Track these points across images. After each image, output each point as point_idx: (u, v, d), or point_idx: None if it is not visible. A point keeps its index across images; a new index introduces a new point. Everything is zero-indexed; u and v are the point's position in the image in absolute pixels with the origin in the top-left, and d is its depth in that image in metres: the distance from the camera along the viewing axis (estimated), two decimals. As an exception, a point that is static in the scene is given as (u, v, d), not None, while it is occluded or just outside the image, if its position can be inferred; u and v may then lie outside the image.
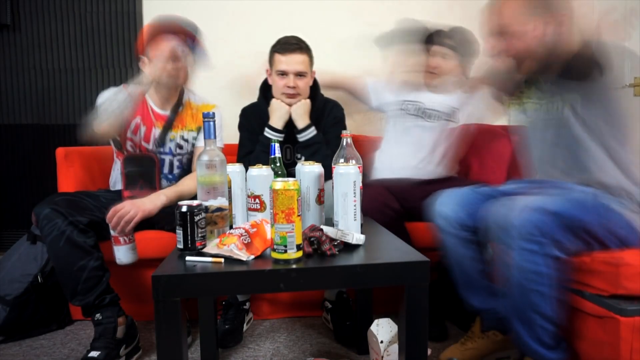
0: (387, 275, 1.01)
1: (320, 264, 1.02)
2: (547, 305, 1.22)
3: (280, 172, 1.35)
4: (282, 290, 1.00)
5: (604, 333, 1.19)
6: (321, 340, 1.71)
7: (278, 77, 1.81)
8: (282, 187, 0.98)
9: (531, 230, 1.18)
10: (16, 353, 1.65)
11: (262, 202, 1.23)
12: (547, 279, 1.20)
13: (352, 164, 1.24)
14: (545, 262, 1.19)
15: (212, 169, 1.15)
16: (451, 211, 1.42)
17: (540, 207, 1.20)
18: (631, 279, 1.16)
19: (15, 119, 2.58)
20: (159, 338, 0.95)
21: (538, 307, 1.22)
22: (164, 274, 0.95)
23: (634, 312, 1.13)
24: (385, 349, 1.36)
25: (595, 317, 1.21)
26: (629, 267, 1.16)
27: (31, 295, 1.76)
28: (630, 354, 1.14)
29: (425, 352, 1.03)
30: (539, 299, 1.21)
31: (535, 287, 1.21)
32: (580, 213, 1.23)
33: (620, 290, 1.16)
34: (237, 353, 1.62)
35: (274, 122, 1.81)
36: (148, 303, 1.84)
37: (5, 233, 2.60)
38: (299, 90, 1.81)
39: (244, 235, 1.06)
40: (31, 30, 2.53)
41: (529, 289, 1.21)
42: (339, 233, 1.10)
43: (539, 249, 1.19)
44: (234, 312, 1.76)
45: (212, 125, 1.18)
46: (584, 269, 1.25)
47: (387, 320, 1.43)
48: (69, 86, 2.56)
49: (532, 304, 1.22)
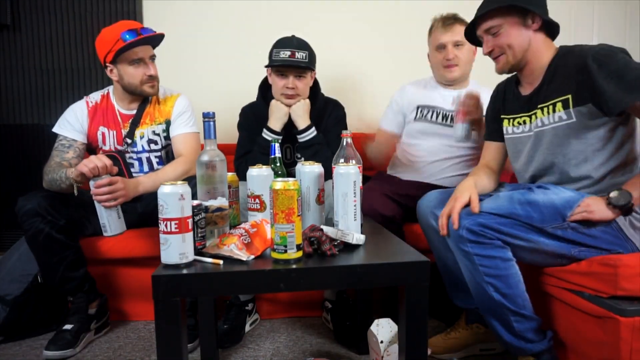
0: (387, 275, 1.02)
1: (320, 264, 1.02)
2: (513, 304, 1.24)
3: (280, 172, 1.35)
4: (282, 290, 1.00)
5: (604, 333, 1.19)
6: (321, 340, 1.71)
7: (277, 77, 1.80)
8: (282, 187, 0.98)
9: (463, 233, 1.23)
10: (16, 353, 1.65)
11: (262, 202, 1.23)
12: (501, 280, 1.23)
13: (352, 164, 1.24)
14: (493, 264, 1.22)
15: (212, 169, 1.15)
16: (437, 211, 1.43)
17: (480, 210, 1.24)
18: (630, 280, 1.16)
19: (15, 119, 2.58)
20: (159, 338, 0.95)
21: (507, 307, 1.24)
22: (164, 274, 0.95)
23: (633, 313, 1.14)
24: (385, 349, 1.36)
25: (595, 317, 1.21)
26: (627, 269, 1.16)
27: (31, 295, 1.77)
28: (630, 354, 1.14)
29: (425, 352, 1.03)
30: (504, 299, 1.24)
31: (493, 290, 1.24)
32: (523, 209, 1.23)
33: (619, 292, 1.17)
34: (237, 353, 1.62)
35: (272, 124, 1.81)
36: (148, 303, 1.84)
37: (5, 233, 2.60)
38: (298, 91, 1.80)
39: (244, 235, 1.06)
40: (31, 30, 2.53)
41: (488, 290, 1.24)
42: (339, 233, 1.10)
43: (481, 251, 1.22)
44: (235, 312, 1.76)
45: (212, 125, 1.18)
46: (582, 272, 1.25)
47: (387, 320, 1.43)
48: (69, 86, 2.56)
49: (499, 304, 1.25)
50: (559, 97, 1.30)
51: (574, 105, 1.27)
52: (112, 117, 1.83)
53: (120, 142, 1.82)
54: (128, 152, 1.83)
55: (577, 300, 1.27)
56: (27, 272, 1.78)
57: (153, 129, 1.84)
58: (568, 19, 2.58)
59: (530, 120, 1.39)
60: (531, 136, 1.39)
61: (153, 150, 1.85)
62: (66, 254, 1.63)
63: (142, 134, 1.83)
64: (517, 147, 1.45)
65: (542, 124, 1.34)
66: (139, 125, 1.83)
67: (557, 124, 1.31)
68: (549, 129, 1.33)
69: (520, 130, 1.43)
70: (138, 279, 1.86)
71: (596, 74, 1.21)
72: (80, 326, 1.67)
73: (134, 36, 1.70)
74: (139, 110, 1.84)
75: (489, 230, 1.21)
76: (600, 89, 1.20)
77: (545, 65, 1.35)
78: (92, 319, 1.73)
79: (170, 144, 1.86)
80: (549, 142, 1.34)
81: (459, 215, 1.26)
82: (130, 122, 1.83)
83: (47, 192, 1.65)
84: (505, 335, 1.29)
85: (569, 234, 1.24)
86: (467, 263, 1.25)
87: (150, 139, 1.84)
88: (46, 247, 1.60)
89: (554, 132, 1.32)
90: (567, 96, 1.28)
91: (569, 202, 1.24)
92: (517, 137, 1.44)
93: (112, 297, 1.87)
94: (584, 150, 1.29)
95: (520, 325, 1.26)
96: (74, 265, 1.66)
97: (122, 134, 1.82)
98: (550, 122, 1.32)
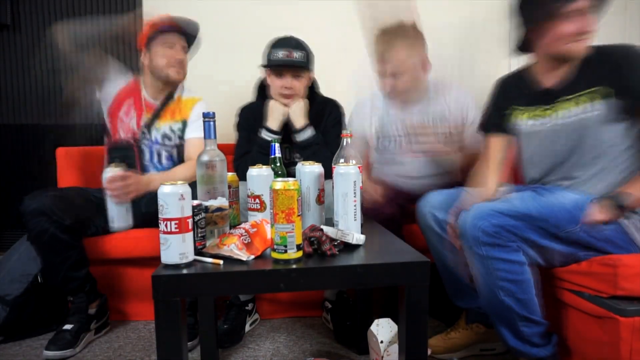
0: (387, 276, 1.01)
1: (320, 264, 1.02)
2: (524, 309, 1.22)
3: (280, 172, 1.35)
4: (282, 290, 1.00)
5: (604, 333, 1.19)
6: (321, 340, 1.71)
7: (275, 77, 1.80)
8: (282, 187, 0.98)
9: (479, 235, 1.19)
10: (16, 353, 1.65)
11: (262, 202, 1.23)
12: (515, 284, 1.20)
13: (352, 164, 1.24)
14: (508, 268, 1.19)
15: (212, 169, 1.15)
16: (439, 212, 1.43)
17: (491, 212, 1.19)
18: (630, 280, 1.16)
19: (15, 119, 2.58)
20: (159, 338, 0.95)
21: (516, 312, 1.22)
22: (164, 274, 0.95)
23: (633, 313, 1.14)
24: (385, 349, 1.37)
25: (595, 317, 1.21)
26: (627, 268, 1.16)
27: (31, 295, 1.77)
28: (630, 354, 1.14)
29: (425, 352, 1.03)
30: (515, 304, 1.21)
31: (504, 295, 1.21)
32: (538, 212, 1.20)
33: (619, 292, 1.17)
34: (237, 353, 1.62)
35: (270, 123, 1.80)
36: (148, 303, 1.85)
37: (5, 233, 2.60)
38: (295, 91, 1.80)
39: (244, 235, 1.06)
40: (31, 30, 2.53)
41: (499, 295, 1.21)
42: (339, 233, 1.10)
43: (497, 254, 1.18)
44: (235, 312, 1.76)
45: (212, 125, 1.18)
46: (582, 272, 1.25)
47: (387, 320, 1.43)
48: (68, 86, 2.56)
49: (508, 309, 1.22)
50: (589, 89, 1.28)
51: (602, 97, 1.26)
52: (138, 99, 1.90)
53: (138, 126, 1.87)
54: (142, 140, 1.87)
55: (577, 300, 1.27)
56: (27, 272, 1.78)
57: (170, 126, 1.90)
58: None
59: (550, 112, 1.36)
60: (553, 129, 1.35)
61: (166, 145, 1.89)
62: (70, 254, 1.64)
63: (160, 127, 1.89)
64: (533, 140, 1.42)
65: (564, 117, 1.33)
66: (160, 117, 1.89)
67: (581, 116, 1.29)
68: (572, 121, 1.31)
69: (540, 123, 1.39)
70: (138, 279, 1.86)
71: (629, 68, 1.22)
72: (80, 326, 1.67)
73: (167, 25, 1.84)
74: (163, 104, 1.90)
75: (505, 233, 1.18)
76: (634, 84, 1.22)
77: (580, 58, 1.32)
78: (92, 319, 1.73)
79: (182, 144, 1.91)
80: (571, 137, 1.32)
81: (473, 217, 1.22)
82: (153, 113, 1.89)
83: (53, 191, 1.66)
84: (511, 340, 1.27)
85: (582, 237, 1.22)
86: (481, 266, 1.22)
87: (166, 134, 1.89)
88: (50, 246, 1.61)
89: (579, 125, 1.30)
90: (595, 88, 1.27)
91: (578, 203, 1.23)
92: (537, 132, 1.40)
93: (112, 297, 1.87)
94: (601, 145, 1.29)
95: (528, 329, 1.24)
96: (76, 265, 1.67)
97: (141, 119, 1.88)
98: (572, 115, 1.31)
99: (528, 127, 1.42)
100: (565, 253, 1.25)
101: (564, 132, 1.33)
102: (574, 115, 1.31)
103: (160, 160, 1.90)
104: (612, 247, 1.24)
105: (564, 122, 1.33)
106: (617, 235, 1.23)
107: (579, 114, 1.30)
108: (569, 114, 1.32)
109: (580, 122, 1.30)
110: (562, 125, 1.34)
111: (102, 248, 1.80)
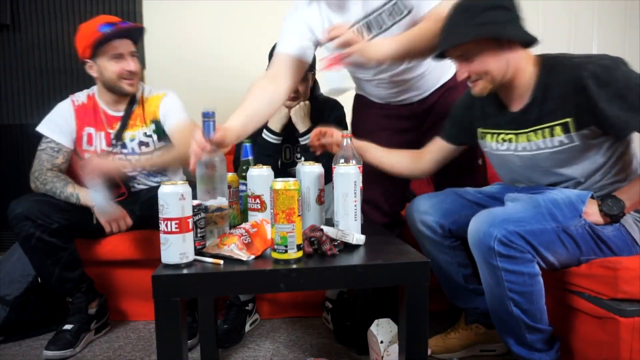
0: (387, 276, 1.02)
1: (320, 264, 1.02)
2: (532, 318, 1.21)
3: (244, 175, 1.30)
4: (283, 290, 1.00)
5: (604, 334, 1.19)
6: (321, 340, 1.71)
7: None
8: (283, 187, 0.98)
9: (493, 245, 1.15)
10: (16, 353, 1.65)
11: (262, 202, 1.23)
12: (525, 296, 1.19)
13: (352, 164, 1.24)
14: (520, 280, 1.17)
15: (212, 169, 1.15)
16: (430, 217, 1.42)
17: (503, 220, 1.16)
18: (630, 283, 1.15)
19: (15, 119, 2.58)
20: (159, 338, 0.95)
21: (524, 322, 1.21)
22: (164, 274, 0.95)
23: (633, 313, 1.14)
24: (385, 349, 1.36)
25: (595, 317, 1.21)
26: (628, 271, 1.16)
27: (31, 295, 1.77)
28: (630, 355, 1.14)
29: (425, 352, 1.03)
30: (523, 314, 1.20)
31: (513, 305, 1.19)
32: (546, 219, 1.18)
33: (620, 295, 1.16)
34: (237, 353, 1.62)
35: (272, 125, 1.80)
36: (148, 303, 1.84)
37: (5, 233, 2.59)
38: (299, 94, 1.79)
39: (244, 235, 1.06)
40: (31, 30, 2.53)
41: (509, 306, 1.20)
42: (339, 233, 1.10)
43: (510, 267, 1.16)
44: (235, 312, 1.76)
45: (212, 125, 1.18)
46: (582, 274, 1.25)
47: (387, 320, 1.43)
48: (68, 86, 2.55)
49: (517, 319, 1.21)
50: (558, 120, 1.21)
51: (576, 129, 1.19)
52: (99, 118, 1.78)
53: (109, 144, 1.77)
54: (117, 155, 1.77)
55: (577, 300, 1.27)
56: (26, 273, 1.77)
57: (144, 131, 1.78)
58: (568, 19, 2.57)
59: (518, 139, 1.30)
60: (523, 157, 1.31)
61: (144, 153, 1.78)
62: (60, 256, 1.62)
63: (133, 137, 1.77)
64: (505, 163, 1.39)
65: (538, 148, 1.27)
66: (128, 127, 1.77)
67: (557, 148, 1.23)
68: (548, 153, 1.25)
69: (506, 148, 1.34)
70: (138, 279, 1.86)
71: (597, 96, 1.13)
72: (80, 326, 1.67)
73: (111, 28, 1.66)
74: (127, 112, 1.78)
75: (520, 242, 1.14)
76: (603, 113, 1.14)
77: (531, 81, 1.25)
78: (92, 319, 1.73)
79: (164, 145, 1.80)
80: (548, 165, 1.28)
81: None
82: (120, 124, 1.77)
83: (39, 195, 1.64)
84: (514, 347, 1.26)
85: (586, 236, 1.21)
86: (491, 276, 1.20)
87: (142, 141, 1.78)
88: (39, 250, 1.59)
89: (554, 157, 1.25)
90: (566, 120, 1.20)
91: (580, 196, 1.22)
92: (504, 155, 1.36)
93: (112, 297, 1.87)
94: (587, 168, 1.25)
95: (533, 336, 1.23)
96: (69, 266, 1.65)
97: (110, 135, 1.77)
98: (548, 146, 1.25)
99: (496, 150, 1.39)
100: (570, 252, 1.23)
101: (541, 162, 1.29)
102: (548, 147, 1.25)
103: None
104: (615, 247, 1.23)
105: (539, 152, 1.27)
106: (620, 236, 1.23)
107: (554, 147, 1.24)
108: (543, 145, 1.26)
109: (556, 153, 1.25)
110: (537, 155, 1.28)
111: (100, 250, 1.80)
